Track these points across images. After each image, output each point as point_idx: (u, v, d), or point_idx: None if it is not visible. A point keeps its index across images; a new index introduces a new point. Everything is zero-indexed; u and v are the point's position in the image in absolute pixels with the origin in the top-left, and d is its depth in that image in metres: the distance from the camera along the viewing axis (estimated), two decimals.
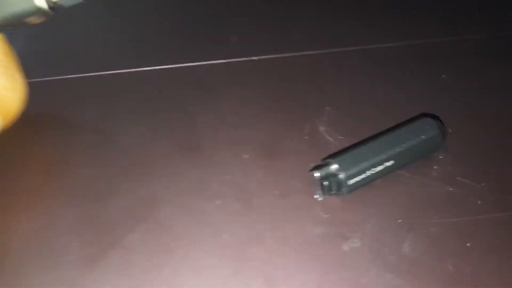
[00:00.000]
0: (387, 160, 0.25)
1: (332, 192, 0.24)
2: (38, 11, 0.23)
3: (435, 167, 0.27)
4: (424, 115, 0.27)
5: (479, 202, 0.25)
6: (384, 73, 0.32)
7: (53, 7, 0.23)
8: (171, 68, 0.34)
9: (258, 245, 0.23)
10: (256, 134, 0.29)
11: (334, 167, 0.24)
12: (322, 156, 0.26)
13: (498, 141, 0.28)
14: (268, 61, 0.34)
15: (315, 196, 0.25)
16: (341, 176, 0.24)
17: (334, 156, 0.25)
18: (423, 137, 0.25)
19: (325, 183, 0.24)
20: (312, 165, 0.25)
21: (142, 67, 0.34)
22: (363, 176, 0.24)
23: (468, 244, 0.23)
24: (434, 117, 0.27)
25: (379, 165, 0.24)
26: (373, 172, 0.24)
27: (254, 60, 0.33)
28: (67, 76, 0.34)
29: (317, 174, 0.24)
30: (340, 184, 0.24)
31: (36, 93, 0.30)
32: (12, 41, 0.28)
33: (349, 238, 0.24)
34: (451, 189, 0.26)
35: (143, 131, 0.30)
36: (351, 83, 0.32)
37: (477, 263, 0.23)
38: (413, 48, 0.33)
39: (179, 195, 0.26)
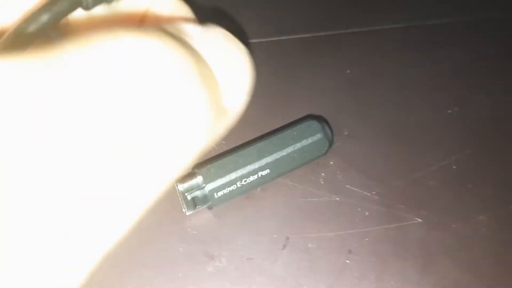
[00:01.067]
0: (262, 169, 0.22)
1: (198, 207, 0.22)
2: None
3: (322, 174, 0.24)
4: (310, 117, 0.25)
5: (366, 213, 0.23)
6: (283, 67, 0.29)
7: None
8: None
9: (113, 266, 0.21)
10: None
11: (198, 178, 0.21)
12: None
13: (395, 147, 0.26)
14: None
15: (183, 210, 0.22)
16: (206, 189, 0.21)
17: (202, 165, 0.22)
18: (304, 142, 0.23)
19: (189, 196, 0.21)
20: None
21: None
22: (232, 188, 0.22)
23: (347, 261, 0.21)
24: (320, 119, 0.24)
25: (252, 175, 0.22)
26: (244, 183, 0.22)
27: None
28: None
29: (179, 187, 0.21)
30: (205, 198, 0.21)
31: None
32: None
33: (215, 257, 0.21)
34: (338, 199, 0.23)
35: None
36: None
37: (353, 282, 0.21)
38: (316, 39, 0.31)
39: None
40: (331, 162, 0.25)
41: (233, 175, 0.21)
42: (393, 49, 0.30)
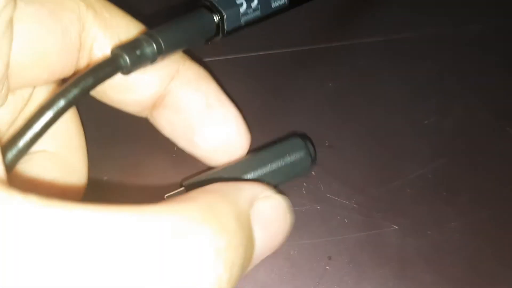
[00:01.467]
0: None
1: None
2: None
3: (304, 184, 0.25)
4: (294, 134, 0.25)
5: (346, 221, 0.24)
6: (264, 82, 0.30)
7: None
8: None
9: None
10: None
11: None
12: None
13: (373, 157, 0.27)
14: None
15: None
16: None
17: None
18: (287, 160, 0.23)
19: None
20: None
21: None
22: None
23: (327, 267, 0.22)
24: (304, 137, 0.24)
25: None
26: None
27: None
28: None
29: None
30: None
31: None
32: None
33: None
34: (319, 207, 0.24)
35: None
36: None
37: (332, 287, 0.22)
38: (297, 54, 0.32)
39: None
40: (313, 173, 0.26)
41: None
42: (372, 62, 0.31)
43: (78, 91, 0.17)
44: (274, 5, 0.24)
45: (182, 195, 0.15)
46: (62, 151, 0.20)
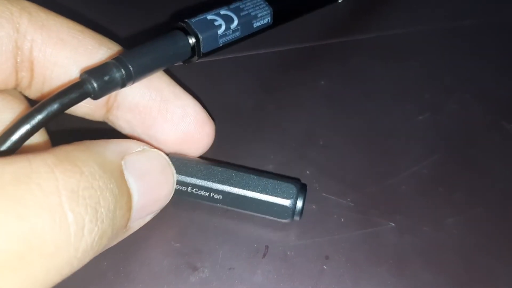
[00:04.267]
0: (215, 192, 0.22)
1: None
2: None
3: None
4: (294, 181, 0.23)
5: (342, 220, 0.24)
6: (258, 80, 0.30)
7: None
8: None
9: (100, 282, 0.21)
10: None
11: None
12: None
13: (368, 155, 0.27)
14: None
15: None
16: None
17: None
18: (271, 198, 0.22)
19: None
20: None
21: None
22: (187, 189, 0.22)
23: (325, 267, 0.22)
24: (302, 188, 0.23)
25: (203, 190, 0.22)
26: (194, 191, 0.22)
27: None
28: None
29: None
30: None
31: None
32: None
33: (198, 268, 0.22)
34: (314, 206, 0.24)
35: None
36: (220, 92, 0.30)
37: (330, 287, 0.22)
38: (289, 53, 0.32)
39: None
40: (307, 172, 0.26)
41: (192, 180, 0.22)
42: (364, 59, 0.31)
43: (42, 117, 0.17)
44: (256, 25, 0.23)
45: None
46: None
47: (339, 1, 0.31)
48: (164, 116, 0.22)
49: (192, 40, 0.21)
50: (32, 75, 0.20)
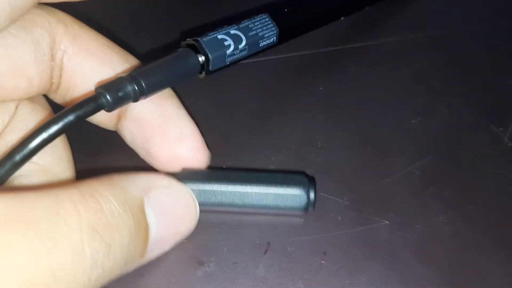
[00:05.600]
0: (231, 195, 0.23)
1: None
2: None
3: None
4: (302, 174, 0.25)
5: (339, 218, 0.25)
6: (260, 87, 0.32)
7: None
8: None
9: None
10: None
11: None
12: None
13: (363, 156, 0.28)
14: None
15: None
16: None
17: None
18: (279, 191, 0.23)
19: None
20: None
21: None
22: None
23: (323, 262, 0.24)
24: (311, 181, 0.24)
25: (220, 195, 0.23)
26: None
27: None
28: None
29: None
30: None
31: None
32: None
33: (204, 262, 0.23)
34: None
35: None
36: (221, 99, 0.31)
37: (328, 281, 0.23)
38: (288, 59, 0.33)
39: None
40: (306, 172, 0.27)
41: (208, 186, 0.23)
42: (360, 66, 0.33)
43: (59, 126, 0.18)
44: (262, 44, 0.24)
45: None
46: (49, 163, 0.21)
47: (341, 18, 0.32)
48: (162, 133, 0.23)
49: (201, 59, 0.22)
50: (60, 82, 0.21)
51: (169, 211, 0.20)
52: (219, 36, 0.22)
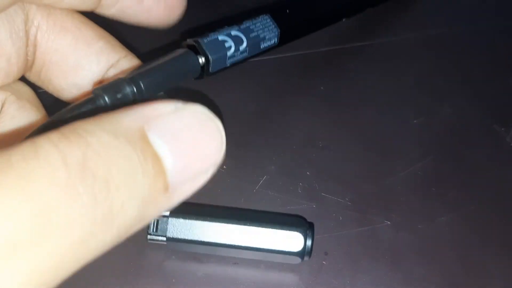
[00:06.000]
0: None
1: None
2: None
3: (300, 184, 0.27)
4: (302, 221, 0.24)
5: (340, 218, 0.25)
6: (261, 87, 0.31)
7: None
8: None
9: (111, 275, 0.23)
10: None
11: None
12: None
13: (365, 156, 0.28)
14: None
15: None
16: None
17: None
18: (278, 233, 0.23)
19: None
20: None
21: None
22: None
23: (324, 262, 0.24)
24: (310, 228, 0.24)
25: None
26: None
27: None
28: None
29: None
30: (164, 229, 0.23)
31: None
32: None
33: (204, 263, 0.23)
34: (314, 206, 0.26)
35: None
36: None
37: (329, 281, 0.23)
38: (290, 59, 0.33)
39: None
40: (307, 173, 0.27)
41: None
42: (362, 65, 0.33)
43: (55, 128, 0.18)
44: (263, 46, 0.24)
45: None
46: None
47: (343, 20, 0.32)
48: None
49: (202, 60, 0.21)
50: (34, 59, 0.21)
51: (183, 135, 0.16)
52: (220, 37, 0.22)
